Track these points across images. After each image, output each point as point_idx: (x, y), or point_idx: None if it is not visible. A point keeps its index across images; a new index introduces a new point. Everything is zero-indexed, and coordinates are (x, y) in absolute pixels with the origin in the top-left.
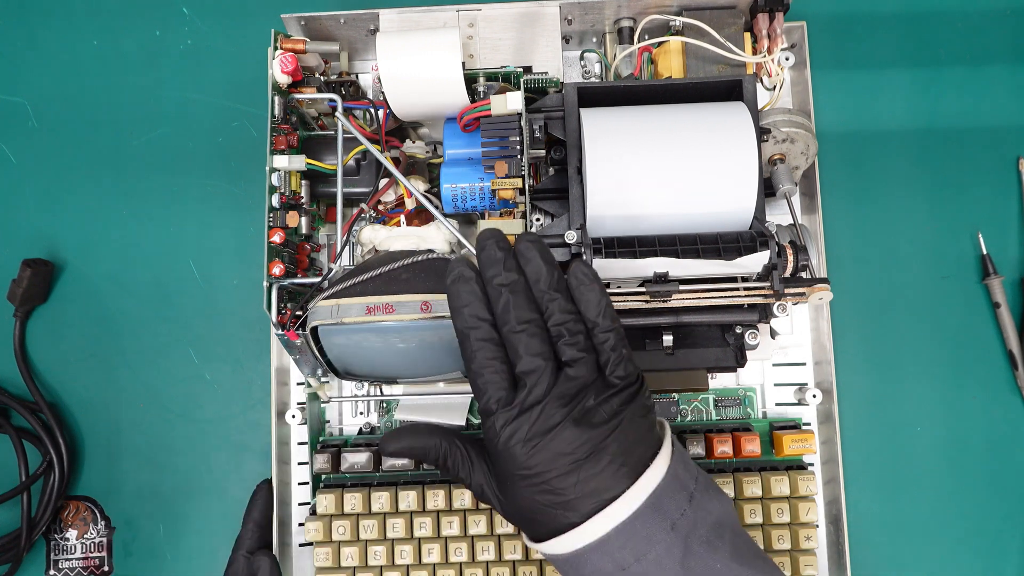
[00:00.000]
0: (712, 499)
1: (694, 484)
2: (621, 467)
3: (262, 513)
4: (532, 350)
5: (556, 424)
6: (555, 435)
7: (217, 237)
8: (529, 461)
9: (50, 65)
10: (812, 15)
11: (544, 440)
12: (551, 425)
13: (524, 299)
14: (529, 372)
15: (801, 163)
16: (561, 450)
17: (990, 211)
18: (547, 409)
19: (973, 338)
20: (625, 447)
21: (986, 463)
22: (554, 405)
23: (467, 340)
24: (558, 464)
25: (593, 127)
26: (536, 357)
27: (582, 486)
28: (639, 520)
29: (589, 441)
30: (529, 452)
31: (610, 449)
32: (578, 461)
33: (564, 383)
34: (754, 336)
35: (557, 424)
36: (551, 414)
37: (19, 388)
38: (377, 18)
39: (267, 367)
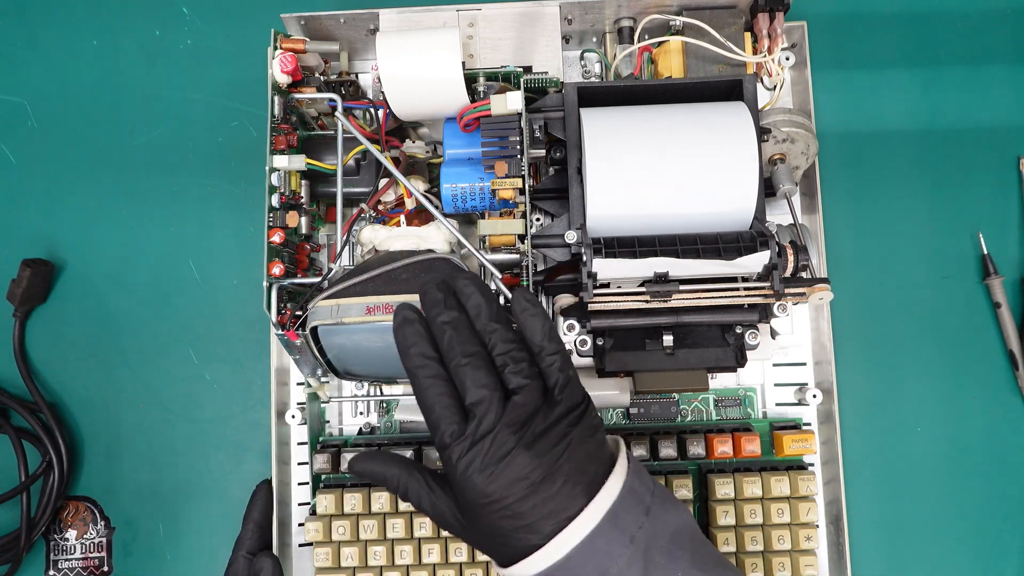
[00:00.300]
0: (669, 510)
1: (650, 497)
2: (576, 486)
3: (262, 513)
4: (478, 382)
5: (509, 451)
6: (509, 461)
7: (217, 237)
8: (487, 488)
9: (50, 65)
10: (812, 15)
11: (499, 467)
12: (504, 452)
13: (467, 334)
14: (477, 403)
15: (801, 163)
16: (516, 475)
17: (990, 211)
18: (499, 437)
19: (973, 338)
20: (578, 466)
21: (986, 463)
22: (505, 433)
23: (416, 379)
24: (515, 489)
25: (593, 127)
26: (482, 388)
27: (540, 508)
28: (599, 536)
29: (542, 464)
30: (486, 480)
31: (563, 470)
32: (534, 484)
33: (513, 410)
34: (754, 336)
35: (510, 451)
36: (503, 441)
37: (19, 388)
38: (377, 18)
39: (267, 367)
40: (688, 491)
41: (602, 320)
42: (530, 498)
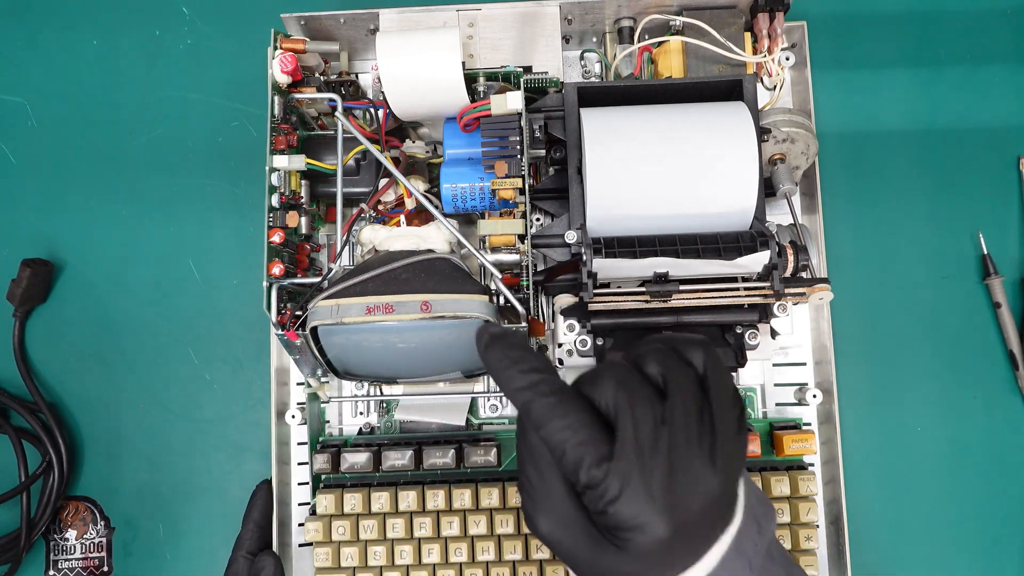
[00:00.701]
0: (771, 520)
1: (761, 508)
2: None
3: (262, 513)
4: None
5: (688, 461)
6: (691, 474)
7: (217, 237)
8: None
9: (50, 65)
10: (812, 15)
11: (679, 483)
12: (680, 464)
13: None
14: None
15: (801, 163)
16: (699, 492)
17: (990, 211)
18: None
19: (973, 338)
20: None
21: (986, 463)
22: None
23: (532, 402)
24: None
25: (593, 127)
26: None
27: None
28: (724, 567)
29: (720, 477)
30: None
31: (732, 483)
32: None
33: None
34: (754, 336)
35: (697, 470)
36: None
37: (19, 388)
38: (377, 18)
39: (267, 367)
40: None
41: (602, 320)
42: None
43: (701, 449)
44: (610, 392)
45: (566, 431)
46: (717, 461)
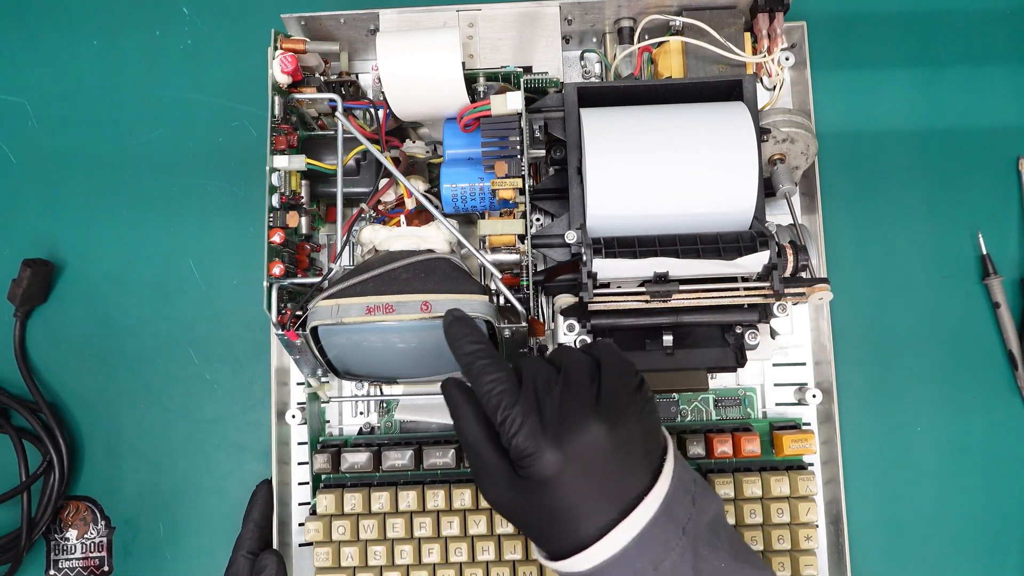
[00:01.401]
0: (709, 499)
1: (694, 485)
2: (640, 462)
3: (262, 513)
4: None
5: (579, 417)
6: (581, 427)
7: (217, 237)
8: (555, 457)
9: (50, 65)
10: (812, 15)
11: (569, 434)
12: (574, 418)
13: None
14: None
15: (801, 163)
16: (588, 443)
17: (990, 211)
18: (565, 403)
19: (973, 338)
20: (643, 441)
21: (986, 463)
22: (571, 399)
23: (473, 364)
24: (584, 459)
25: (593, 127)
26: (540, 361)
27: (606, 483)
28: (656, 527)
29: (614, 433)
30: (555, 447)
31: (632, 442)
32: (604, 454)
33: (572, 378)
34: (754, 336)
35: (581, 417)
36: (571, 407)
37: (19, 388)
38: (377, 18)
39: (267, 367)
40: None
41: (602, 320)
42: (599, 471)
43: (585, 399)
44: (521, 363)
45: (492, 383)
46: (600, 411)
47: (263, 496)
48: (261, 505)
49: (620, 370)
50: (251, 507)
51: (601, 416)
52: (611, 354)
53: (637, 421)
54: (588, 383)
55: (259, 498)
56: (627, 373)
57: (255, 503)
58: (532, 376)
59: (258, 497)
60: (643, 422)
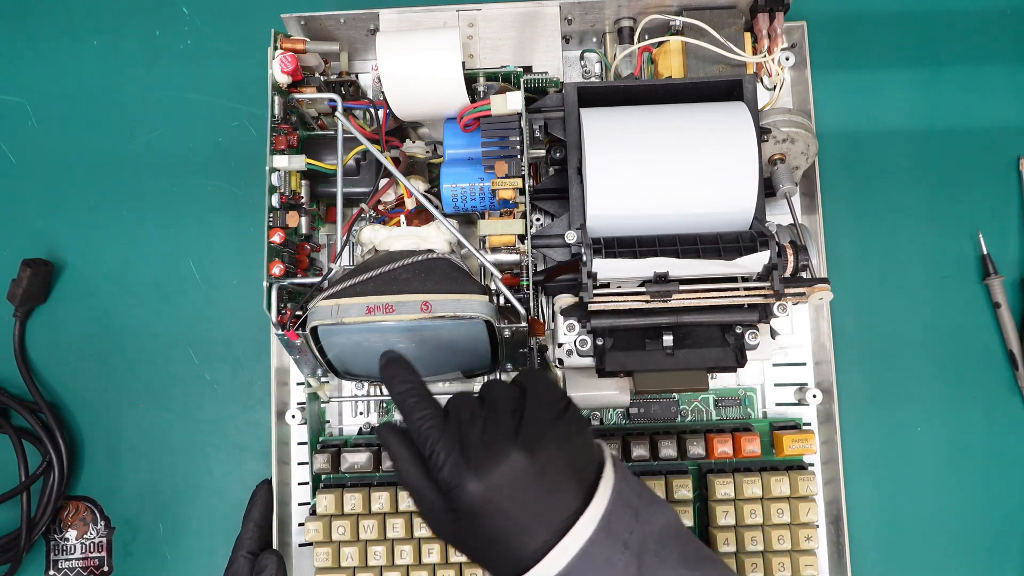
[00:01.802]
0: (655, 511)
1: (637, 499)
2: (570, 483)
3: (262, 513)
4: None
5: (500, 448)
6: (500, 458)
7: (217, 237)
8: (479, 488)
9: (50, 65)
10: (812, 15)
11: (491, 465)
12: (495, 450)
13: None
14: (459, 407)
15: (801, 163)
16: (509, 473)
17: (990, 211)
18: (487, 435)
19: (973, 338)
20: (570, 464)
21: (986, 463)
22: (492, 430)
23: (404, 401)
24: (508, 488)
25: (593, 127)
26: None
27: (535, 508)
28: (595, 545)
29: (534, 461)
30: (478, 479)
31: (556, 466)
32: (527, 482)
33: (493, 408)
34: (754, 336)
35: (501, 448)
36: (491, 438)
37: (19, 388)
38: (377, 18)
39: (267, 367)
40: (688, 491)
41: (602, 320)
42: (524, 496)
43: (507, 429)
44: (450, 399)
45: (421, 420)
46: (520, 439)
47: (263, 496)
48: (261, 505)
49: (543, 398)
50: (251, 507)
51: (520, 444)
52: (536, 382)
53: (560, 446)
54: (510, 413)
55: (259, 498)
56: (550, 400)
57: (255, 503)
58: (457, 410)
59: (258, 497)
60: (567, 446)
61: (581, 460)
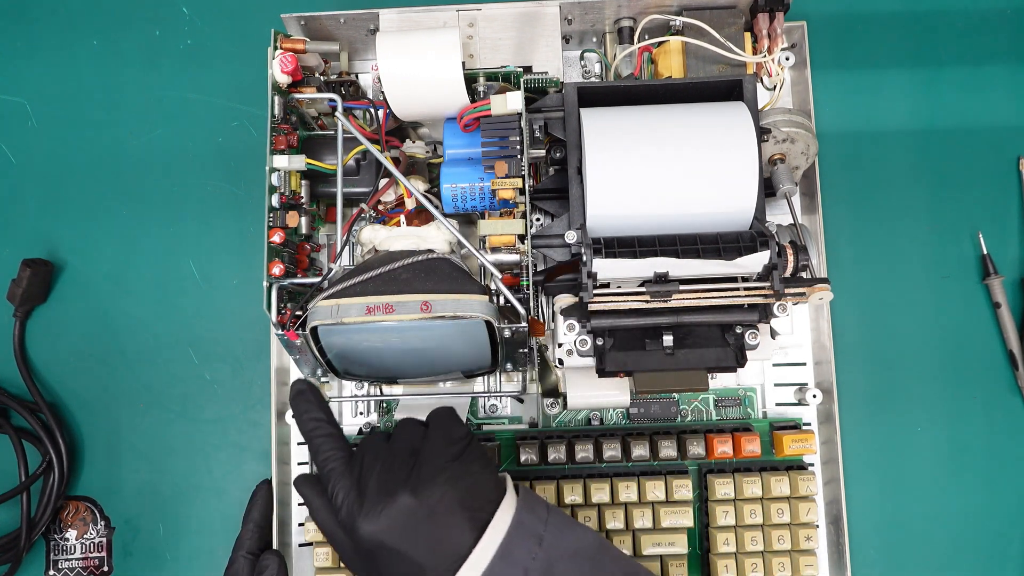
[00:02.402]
0: (565, 534)
1: (543, 526)
2: (462, 521)
3: (262, 513)
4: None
5: (388, 491)
6: (388, 501)
7: (217, 237)
8: (372, 530)
9: (50, 65)
10: (812, 15)
11: (380, 508)
12: (384, 492)
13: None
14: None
15: (801, 163)
16: (397, 515)
17: (990, 211)
18: (377, 479)
19: (973, 338)
20: (460, 502)
21: (986, 463)
22: (383, 474)
23: (312, 439)
24: (399, 530)
25: (593, 127)
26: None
27: (429, 547)
28: (492, 574)
29: (423, 502)
30: (370, 522)
31: (445, 505)
32: (417, 523)
33: (388, 452)
34: (754, 336)
35: (389, 491)
36: (382, 482)
37: (19, 388)
38: (377, 18)
39: (267, 367)
40: (688, 491)
41: (602, 320)
42: (415, 536)
43: (401, 471)
44: (364, 437)
45: (326, 460)
46: (410, 484)
47: (263, 496)
48: (261, 505)
49: (440, 440)
50: (251, 507)
51: (410, 487)
52: (439, 423)
53: (453, 486)
54: (407, 455)
55: (259, 498)
56: (448, 442)
57: (255, 503)
58: (362, 453)
59: (258, 497)
60: (459, 486)
61: (475, 498)
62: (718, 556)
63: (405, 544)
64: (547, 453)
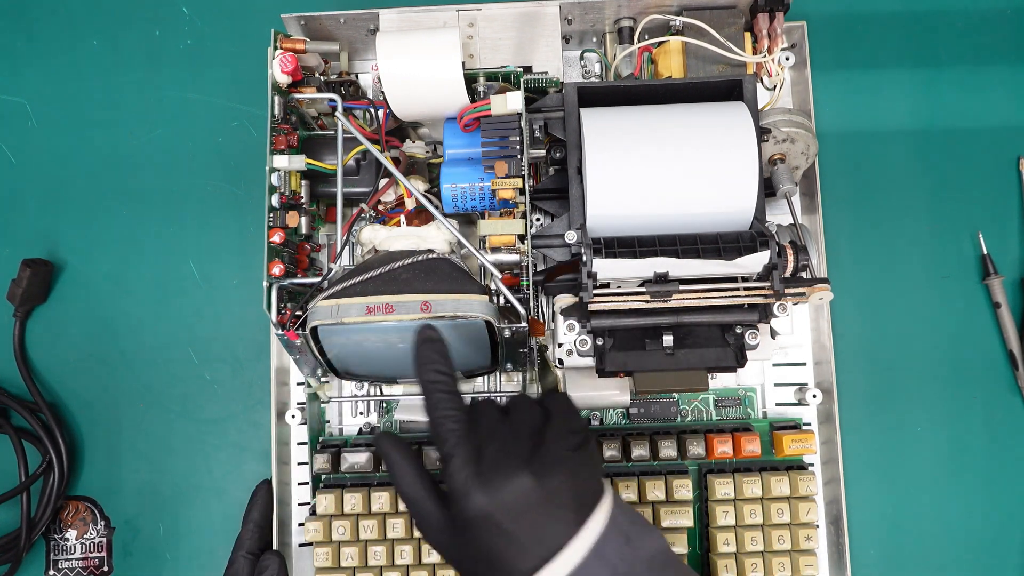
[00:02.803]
0: (645, 537)
1: (630, 526)
2: (568, 512)
3: (262, 513)
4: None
5: (512, 467)
6: (511, 477)
7: (217, 237)
8: (485, 502)
9: (50, 65)
10: (812, 15)
11: (501, 482)
12: (507, 467)
13: None
14: (480, 416)
15: (801, 163)
16: (516, 492)
17: (990, 211)
18: (502, 452)
19: (973, 338)
20: (573, 494)
21: (986, 463)
22: (509, 448)
23: (430, 393)
24: (513, 507)
25: (593, 127)
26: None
27: (533, 530)
28: (584, 570)
29: (542, 485)
30: (486, 493)
31: (560, 494)
32: (531, 504)
33: (513, 426)
34: (754, 336)
35: (513, 467)
36: (506, 456)
37: (19, 388)
38: (377, 18)
39: (267, 367)
40: (688, 491)
41: (602, 320)
42: (525, 518)
43: (522, 450)
44: (476, 403)
45: (445, 418)
46: (532, 465)
47: (263, 496)
48: (261, 505)
49: (564, 427)
50: (251, 507)
51: (532, 469)
52: (561, 409)
53: (569, 477)
54: (530, 434)
55: (259, 498)
56: (571, 431)
57: (255, 503)
58: (480, 419)
59: (258, 497)
60: (575, 479)
61: (585, 492)
62: (718, 556)
63: (514, 524)
64: None
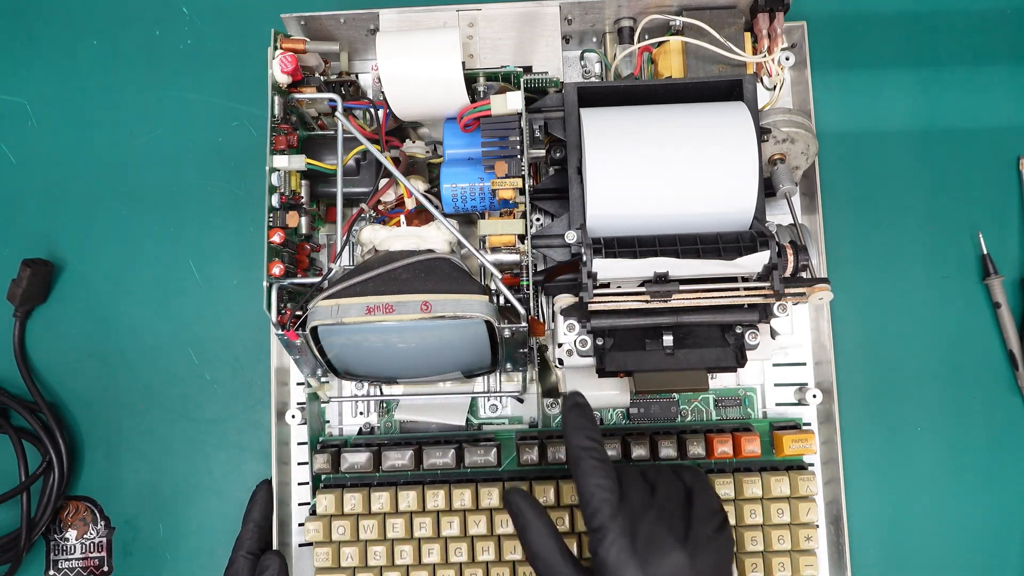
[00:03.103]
0: None
1: None
2: None
3: (262, 513)
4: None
5: (666, 542)
6: (666, 553)
7: (217, 237)
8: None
9: (50, 65)
10: (812, 15)
11: (655, 557)
12: (661, 543)
13: None
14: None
15: (801, 163)
16: (671, 569)
17: (990, 211)
18: (656, 526)
19: (973, 338)
20: (717, 573)
21: (986, 463)
22: (661, 524)
23: (581, 460)
24: None
25: (593, 127)
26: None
27: None
28: None
29: (695, 564)
30: (639, 567)
31: (708, 573)
32: None
33: (663, 504)
34: (754, 336)
35: (667, 543)
36: (660, 532)
37: (19, 388)
38: (377, 18)
39: (267, 367)
40: None
41: (602, 320)
42: None
43: (675, 529)
44: (620, 473)
45: (597, 488)
46: (687, 543)
47: (263, 496)
48: (261, 505)
49: (709, 507)
50: (251, 507)
51: (687, 548)
52: (703, 487)
53: (715, 556)
54: (680, 513)
55: (259, 498)
56: (714, 511)
57: (255, 503)
58: (631, 493)
59: (258, 497)
60: (719, 560)
61: (725, 569)
62: None
63: None
64: (547, 453)
